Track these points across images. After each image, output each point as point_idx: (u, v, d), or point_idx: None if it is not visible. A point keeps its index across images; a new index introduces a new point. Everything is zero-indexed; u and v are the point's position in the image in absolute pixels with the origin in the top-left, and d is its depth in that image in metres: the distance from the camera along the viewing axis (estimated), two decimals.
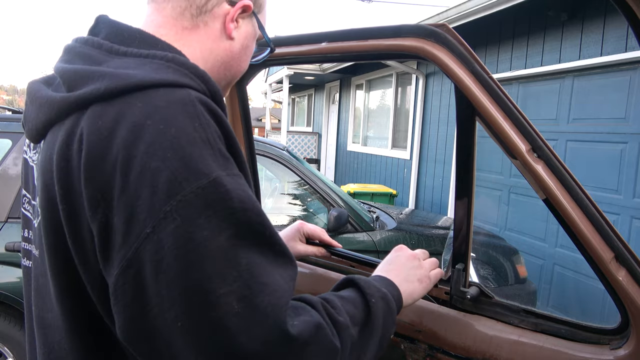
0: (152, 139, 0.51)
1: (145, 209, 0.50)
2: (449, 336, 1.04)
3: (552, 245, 4.03)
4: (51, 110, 0.59)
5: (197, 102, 0.55)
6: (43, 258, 0.63)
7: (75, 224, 0.55)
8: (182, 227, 0.50)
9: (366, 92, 8.21)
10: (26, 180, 0.74)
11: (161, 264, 0.50)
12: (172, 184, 0.50)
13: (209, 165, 0.52)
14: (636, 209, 3.36)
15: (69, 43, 0.65)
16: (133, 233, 0.50)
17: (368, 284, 0.71)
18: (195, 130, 0.53)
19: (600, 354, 0.88)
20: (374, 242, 3.02)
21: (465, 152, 0.97)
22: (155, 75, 0.56)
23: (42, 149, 0.62)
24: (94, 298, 0.57)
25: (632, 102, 3.37)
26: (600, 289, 0.94)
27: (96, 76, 0.56)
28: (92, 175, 0.52)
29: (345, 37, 0.96)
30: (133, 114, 0.53)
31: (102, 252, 0.53)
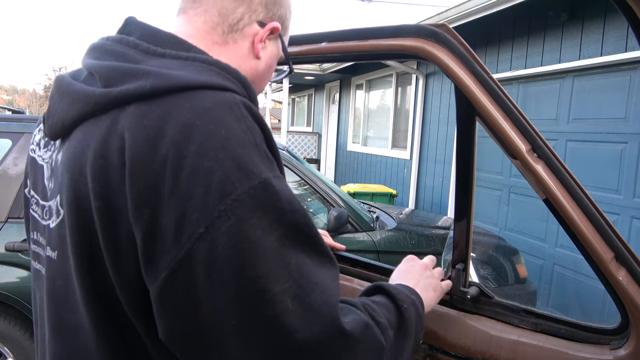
0: (202, 139, 0.51)
1: (198, 208, 0.50)
2: (449, 336, 1.04)
3: (552, 245, 4.03)
4: (86, 104, 0.58)
5: (242, 105, 0.56)
6: (64, 259, 0.61)
7: (112, 223, 0.54)
8: (237, 227, 0.50)
9: (366, 92, 8.21)
10: (34, 181, 0.72)
11: (215, 263, 0.50)
12: (225, 184, 0.50)
13: (259, 166, 0.53)
14: (636, 209, 3.36)
15: (97, 41, 0.65)
16: (185, 233, 0.50)
17: (398, 291, 0.73)
18: (243, 132, 0.53)
19: (600, 354, 0.88)
20: (374, 242, 3.01)
21: (465, 152, 0.97)
22: (200, 77, 0.56)
23: (70, 146, 0.60)
24: (123, 300, 0.56)
25: (632, 102, 3.37)
26: (600, 289, 0.94)
27: (139, 74, 0.56)
28: (138, 175, 0.51)
29: (345, 37, 0.96)
30: (181, 114, 0.53)
31: (146, 254, 0.52)
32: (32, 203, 0.72)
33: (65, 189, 0.59)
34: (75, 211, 0.57)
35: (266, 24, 0.70)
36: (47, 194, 0.66)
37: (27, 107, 51.45)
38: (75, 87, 0.60)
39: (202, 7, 0.67)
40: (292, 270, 0.53)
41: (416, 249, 3.10)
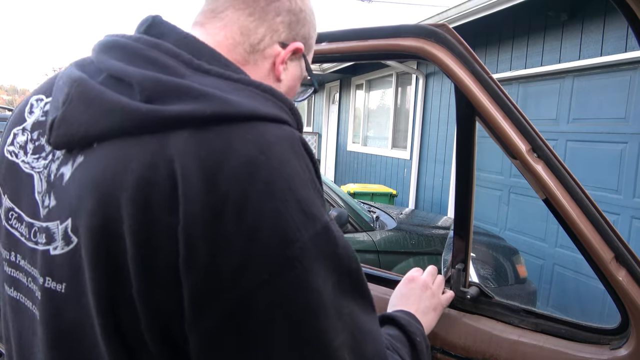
0: (269, 177, 0.47)
1: (262, 253, 0.46)
2: (449, 336, 1.04)
3: (552, 245, 4.03)
4: (126, 120, 0.50)
5: (299, 141, 0.53)
6: (78, 293, 0.53)
7: (151, 259, 0.48)
8: (302, 276, 0.48)
9: (366, 92, 8.21)
10: (14, 191, 0.60)
11: (276, 312, 0.47)
12: (292, 229, 0.47)
13: (319, 209, 0.50)
14: (636, 209, 3.36)
15: (120, 40, 0.56)
16: (246, 277, 0.46)
17: (408, 322, 0.75)
18: (304, 171, 0.51)
19: (600, 354, 0.88)
20: (374, 242, 3.01)
21: (465, 152, 0.97)
22: (261, 106, 0.52)
23: (94, 164, 0.51)
24: (149, 340, 0.50)
25: (632, 102, 3.37)
26: (600, 289, 0.94)
27: (192, 94, 0.50)
28: (193, 212, 0.46)
29: (345, 37, 0.96)
30: (245, 147, 0.48)
31: (195, 297, 0.47)
32: (9, 217, 0.61)
33: (88, 215, 0.50)
34: (100, 241, 0.50)
35: (288, 45, 0.65)
36: (40, 212, 0.57)
37: None
38: (109, 97, 0.51)
39: (222, 22, 0.62)
40: (346, 321, 0.51)
41: (416, 249, 3.10)
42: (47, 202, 0.56)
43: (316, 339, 0.48)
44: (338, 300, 0.51)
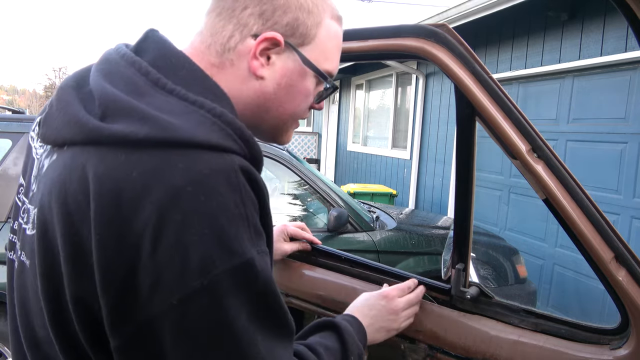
0: (190, 208, 0.48)
1: (174, 279, 0.48)
2: (449, 336, 1.04)
3: (552, 245, 4.03)
4: (78, 133, 0.53)
5: (240, 171, 0.52)
6: (34, 274, 0.57)
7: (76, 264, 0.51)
8: (210, 306, 0.49)
9: (366, 92, 8.21)
10: (26, 170, 0.67)
11: (181, 337, 0.49)
12: (205, 261, 0.48)
13: (244, 244, 0.50)
14: (636, 209, 3.36)
15: (113, 53, 0.60)
16: (156, 300, 0.48)
17: (352, 340, 0.78)
18: (235, 205, 0.50)
19: (600, 354, 0.88)
20: (374, 242, 3.02)
21: (465, 152, 0.97)
22: (200, 133, 0.51)
23: (59, 164, 0.56)
24: (81, 335, 0.54)
25: (632, 102, 3.37)
26: (600, 289, 0.94)
27: (137, 115, 0.52)
28: (117, 229, 0.48)
29: (346, 37, 0.96)
30: (173, 175, 0.49)
31: (113, 309, 0.49)
32: (19, 191, 0.68)
33: (41, 210, 0.56)
34: (44, 237, 0.55)
35: (258, 36, 0.61)
36: (29, 193, 0.62)
37: (27, 107, 51.44)
38: (72, 109, 0.55)
39: (199, 29, 0.63)
40: (259, 352, 0.52)
41: (416, 249, 3.10)
42: (34, 187, 0.61)
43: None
44: (252, 332, 0.52)
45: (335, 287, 1.25)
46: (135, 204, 0.48)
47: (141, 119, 0.51)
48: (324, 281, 1.28)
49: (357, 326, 0.87)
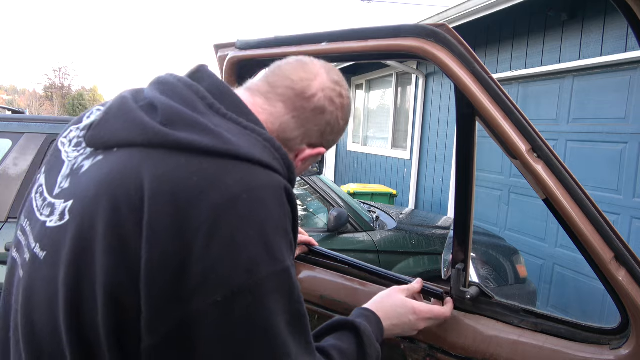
0: (244, 213, 0.54)
1: (221, 277, 0.52)
2: (449, 336, 1.04)
3: (552, 245, 4.03)
4: (141, 134, 0.59)
5: (284, 191, 0.59)
6: (53, 264, 0.59)
7: (120, 253, 0.53)
8: (252, 306, 0.53)
9: (366, 92, 8.21)
10: (49, 170, 0.70)
11: (221, 333, 0.52)
12: (252, 263, 0.53)
13: (284, 253, 0.56)
14: (636, 209, 3.36)
15: (167, 77, 0.66)
16: (201, 296, 0.51)
17: (370, 342, 0.77)
18: (280, 218, 0.57)
19: (600, 354, 0.88)
20: (373, 242, 3.01)
21: (465, 152, 0.97)
22: (255, 152, 0.59)
23: (109, 163, 0.60)
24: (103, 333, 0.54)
25: (632, 102, 3.37)
26: (600, 289, 0.94)
27: (201, 127, 0.58)
28: (172, 227, 0.52)
29: (346, 37, 0.96)
30: (232, 180, 0.55)
31: (157, 302, 0.52)
32: (37, 190, 0.70)
33: (85, 201, 0.58)
34: (84, 225, 0.56)
35: (316, 148, 0.77)
36: (54, 190, 0.65)
37: (27, 107, 51.43)
38: (135, 115, 0.61)
39: (272, 108, 0.72)
40: (292, 352, 0.56)
41: (416, 249, 3.10)
42: (63, 184, 0.65)
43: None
44: (285, 336, 0.56)
45: (335, 287, 1.25)
46: (193, 204, 0.52)
47: (203, 131, 0.58)
48: (322, 281, 1.28)
49: (376, 324, 0.86)
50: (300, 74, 0.74)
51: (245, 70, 1.19)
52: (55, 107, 58.03)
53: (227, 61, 1.16)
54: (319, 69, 0.75)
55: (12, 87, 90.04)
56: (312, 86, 0.73)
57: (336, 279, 1.27)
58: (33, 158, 2.46)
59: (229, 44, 1.19)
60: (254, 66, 1.18)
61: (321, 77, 0.75)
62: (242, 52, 1.14)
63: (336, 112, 0.77)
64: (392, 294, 0.96)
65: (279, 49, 1.06)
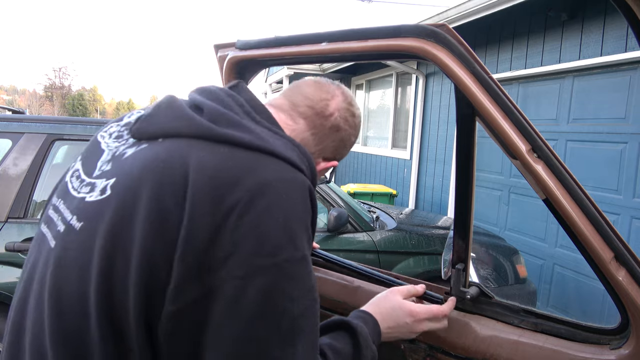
0: (273, 200, 0.60)
1: (245, 255, 0.57)
2: (449, 336, 1.04)
3: (552, 245, 4.03)
4: (189, 126, 0.66)
5: (308, 190, 0.66)
6: (90, 233, 0.64)
7: (161, 226, 0.58)
8: (269, 287, 0.58)
9: (366, 92, 8.21)
10: (87, 158, 0.78)
11: (236, 307, 0.57)
12: (274, 247, 0.58)
13: (304, 243, 0.62)
14: (636, 209, 3.36)
15: (210, 87, 0.76)
16: (225, 269, 0.57)
17: (366, 343, 0.78)
18: (303, 212, 0.64)
19: (600, 354, 0.88)
20: (373, 242, 3.02)
21: (465, 152, 0.97)
22: (287, 152, 0.67)
23: (156, 149, 0.66)
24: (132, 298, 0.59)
25: (632, 102, 3.37)
26: (600, 289, 0.94)
27: (241, 127, 0.67)
28: (207, 206, 0.58)
29: (346, 37, 0.96)
30: (264, 171, 0.62)
31: (187, 271, 0.57)
32: (73, 174, 0.77)
33: (129, 177, 0.64)
34: (127, 198, 0.62)
35: (330, 161, 0.88)
36: (94, 173, 0.72)
37: (27, 107, 51.46)
38: (185, 111, 0.69)
39: (295, 125, 0.82)
40: (299, 343, 0.59)
41: (416, 249, 3.10)
42: (104, 167, 0.71)
43: (257, 340, 0.57)
44: (299, 323, 0.60)
45: (335, 287, 1.25)
46: (229, 187, 0.59)
47: (243, 130, 0.67)
48: (322, 280, 1.28)
49: (373, 327, 0.85)
50: (319, 95, 0.85)
51: (245, 70, 1.19)
52: (55, 107, 58.00)
53: (227, 61, 1.16)
54: (335, 89, 0.87)
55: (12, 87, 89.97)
56: (330, 106, 0.85)
57: (336, 279, 1.27)
58: (33, 158, 2.46)
59: (228, 44, 1.19)
60: (253, 66, 1.18)
61: (337, 97, 0.86)
62: (242, 52, 1.14)
63: (349, 130, 0.88)
64: (390, 296, 0.95)
65: (279, 49, 1.06)
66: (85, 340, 0.61)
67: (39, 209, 2.48)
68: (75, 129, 2.60)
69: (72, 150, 2.74)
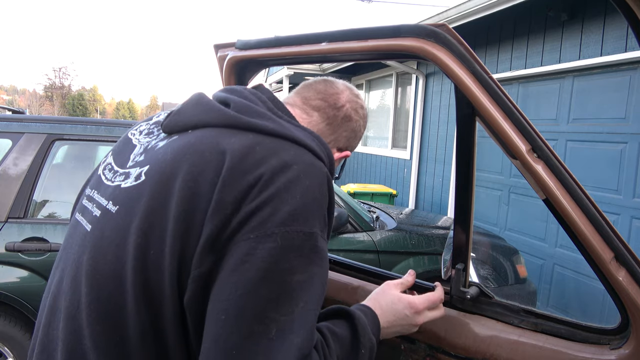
0: (292, 178, 0.66)
1: (258, 222, 0.62)
2: (449, 336, 1.04)
3: (552, 245, 4.03)
4: (218, 117, 0.74)
5: (326, 178, 0.71)
6: (126, 215, 0.70)
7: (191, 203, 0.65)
8: (276, 251, 0.62)
9: (366, 92, 8.21)
10: (119, 153, 0.85)
11: (243, 265, 0.61)
12: (288, 217, 0.63)
13: (315, 222, 0.66)
14: (636, 209, 3.36)
15: (234, 86, 0.84)
16: (240, 232, 0.62)
17: (364, 332, 0.78)
18: (319, 194, 0.68)
19: (600, 354, 0.88)
20: (373, 242, 3.02)
21: (465, 152, 0.97)
22: (307, 140, 0.73)
23: (187, 139, 0.73)
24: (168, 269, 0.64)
25: (632, 102, 3.37)
26: (600, 289, 0.94)
27: (265, 117, 0.74)
28: (235, 180, 0.65)
29: (346, 37, 0.96)
30: (286, 154, 0.69)
31: (212, 234, 0.63)
32: (105, 168, 0.84)
33: (163, 163, 0.71)
34: (162, 180, 0.68)
35: (343, 151, 0.95)
36: (127, 164, 0.79)
37: (27, 107, 51.45)
38: (214, 104, 0.77)
39: (310, 118, 0.90)
40: (295, 311, 0.62)
41: (416, 249, 3.10)
42: (137, 159, 0.78)
43: (257, 301, 0.60)
44: (298, 292, 0.62)
45: (335, 287, 1.25)
46: (255, 165, 0.66)
47: (268, 119, 0.74)
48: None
49: (372, 319, 0.85)
50: (330, 90, 0.93)
51: (245, 70, 1.19)
52: (55, 107, 57.99)
53: (227, 61, 1.16)
54: (342, 86, 0.95)
55: (12, 87, 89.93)
56: (341, 99, 0.93)
57: (336, 278, 1.27)
58: (33, 158, 2.46)
59: (228, 44, 1.19)
60: (253, 66, 1.18)
61: (346, 92, 0.94)
62: (241, 52, 1.14)
63: (360, 120, 0.96)
64: (387, 290, 0.95)
65: (279, 49, 1.06)
66: (122, 315, 0.66)
67: (39, 209, 2.48)
68: (75, 129, 2.60)
69: (72, 150, 2.74)
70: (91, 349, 0.67)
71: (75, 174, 2.71)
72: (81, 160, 2.82)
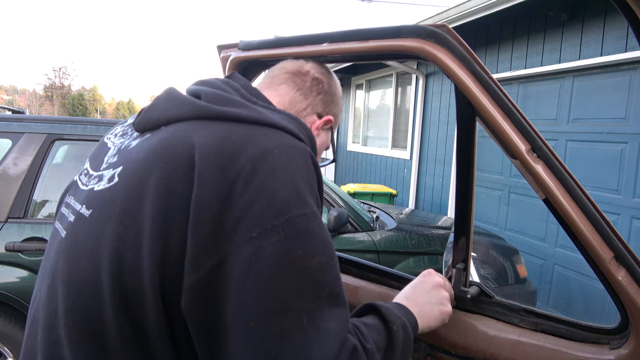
0: (276, 164, 0.62)
1: (255, 216, 0.59)
2: (449, 335, 1.04)
3: (552, 245, 4.04)
4: (189, 109, 0.70)
5: (310, 156, 0.68)
6: (99, 219, 0.66)
7: (169, 201, 0.61)
8: (283, 242, 0.59)
9: (366, 92, 8.21)
10: (94, 156, 0.82)
11: (255, 266, 0.57)
12: (284, 204, 0.60)
13: (312, 202, 0.64)
14: (636, 209, 3.36)
15: (206, 78, 0.80)
16: (239, 232, 0.58)
17: (389, 312, 0.77)
18: (307, 174, 0.65)
19: (600, 353, 0.88)
20: (374, 242, 3.02)
21: (465, 152, 0.97)
22: (284, 122, 0.70)
23: (158, 136, 0.69)
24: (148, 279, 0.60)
25: (632, 102, 3.38)
26: (600, 289, 0.94)
27: (237, 104, 0.71)
28: (214, 175, 0.60)
29: (346, 38, 0.96)
30: (264, 140, 0.65)
31: (201, 241, 0.58)
32: (82, 173, 0.82)
33: (136, 162, 0.67)
34: (135, 181, 0.65)
35: (323, 116, 0.90)
36: (101, 166, 0.76)
37: (27, 107, 51.43)
38: (184, 97, 0.74)
39: (277, 92, 0.87)
40: (322, 295, 0.60)
41: (416, 249, 3.10)
42: (110, 160, 0.75)
43: (280, 296, 0.58)
44: (323, 276, 0.61)
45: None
46: (233, 157, 0.62)
47: (241, 107, 0.70)
48: None
49: (396, 306, 0.85)
50: (293, 64, 0.92)
51: (247, 71, 1.19)
52: (55, 107, 57.96)
53: (230, 62, 1.16)
54: (304, 60, 0.94)
55: (12, 87, 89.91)
56: (305, 66, 0.92)
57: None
58: (33, 158, 2.46)
59: (231, 44, 1.20)
60: (256, 67, 1.18)
61: (309, 63, 0.93)
62: (244, 52, 1.14)
63: (330, 82, 0.93)
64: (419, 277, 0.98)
65: (281, 49, 1.06)
66: (100, 323, 0.62)
67: (39, 209, 2.49)
68: (75, 129, 2.60)
69: (72, 150, 2.74)
70: (70, 359, 0.64)
71: (75, 174, 2.71)
72: (81, 160, 2.82)
